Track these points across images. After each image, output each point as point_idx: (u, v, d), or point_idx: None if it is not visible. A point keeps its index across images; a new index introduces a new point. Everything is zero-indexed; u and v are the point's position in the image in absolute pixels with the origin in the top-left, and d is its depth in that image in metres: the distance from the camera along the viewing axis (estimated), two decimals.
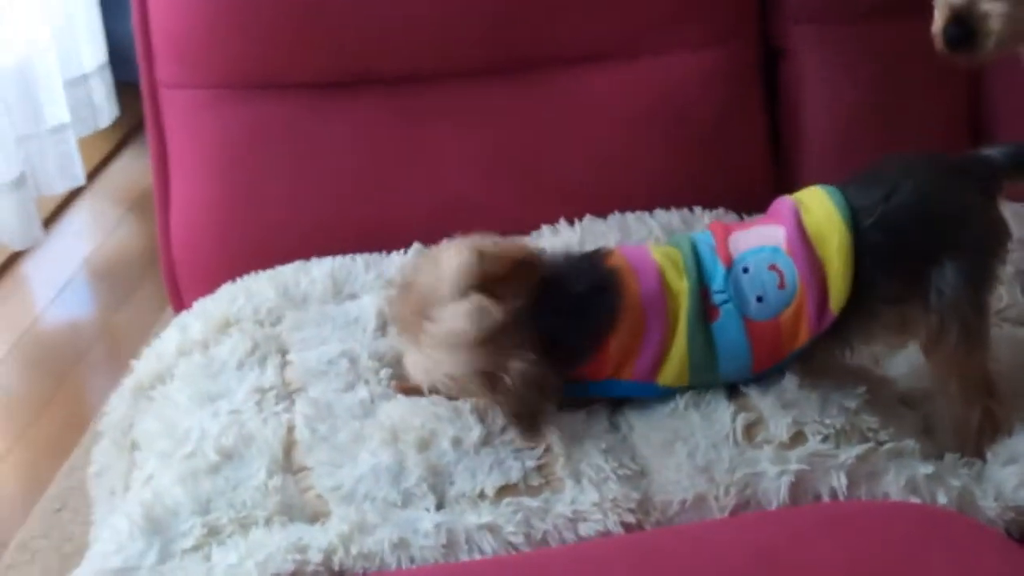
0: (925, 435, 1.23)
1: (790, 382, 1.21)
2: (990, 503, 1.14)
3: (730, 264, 1.21)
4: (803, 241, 1.20)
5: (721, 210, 1.53)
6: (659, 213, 1.52)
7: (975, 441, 1.23)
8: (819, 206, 1.22)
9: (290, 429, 1.24)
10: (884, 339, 1.30)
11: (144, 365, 1.43)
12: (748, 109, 1.60)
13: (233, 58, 1.52)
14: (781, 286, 1.20)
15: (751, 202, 1.54)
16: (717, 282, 1.21)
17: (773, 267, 1.21)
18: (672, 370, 1.21)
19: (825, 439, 1.16)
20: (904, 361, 1.31)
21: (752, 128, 1.60)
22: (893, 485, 1.14)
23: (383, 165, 1.53)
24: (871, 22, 1.61)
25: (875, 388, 1.24)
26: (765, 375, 1.22)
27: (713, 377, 1.21)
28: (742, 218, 1.49)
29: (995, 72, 1.67)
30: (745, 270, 1.21)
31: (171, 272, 1.59)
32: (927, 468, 1.15)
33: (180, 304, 1.58)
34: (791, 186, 1.61)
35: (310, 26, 1.51)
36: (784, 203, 1.25)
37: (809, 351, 1.22)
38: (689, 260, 1.22)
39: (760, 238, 1.22)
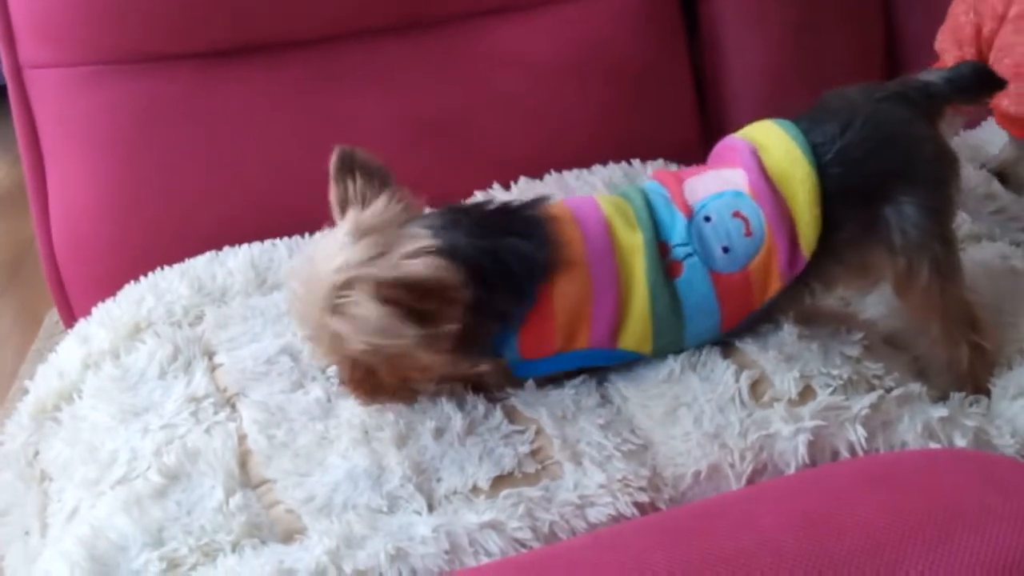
0: (921, 376, 1.17)
1: (789, 334, 1.12)
2: (1007, 440, 1.08)
3: (690, 214, 1.11)
4: (768, 183, 1.11)
5: (661, 161, 1.44)
6: (598, 168, 1.42)
7: (971, 378, 1.17)
8: (776, 143, 1.12)
9: (241, 438, 1.09)
10: (847, 282, 1.22)
11: (43, 385, 1.26)
12: (672, 51, 1.52)
13: (111, 31, 1.34)
14: (747, 234, 1.10)
15: (685, 150, 1.48)
16: (678, 234, 1.10)
17: (737, 213, 1.10)
18: (634, 333, 1.10)
19: (834, 391, 1.08)
20: (879, 301, 1.24)
21: (678, 71, 1.52)
22: (910, 432, 1.07)
23: (294, 137, 1.39)
24: None
25: (867, 333, 1.16)
26: (751, 329, 1.13)
27: (678, 339, 1.11)
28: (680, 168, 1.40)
29: (906, 3, 1.65)
30: (707, 219, 1.10)
31: (56, 276, 1.41)
32: (940, 411, 1.08)
33: (70, 312, 1.40)
34: (718, 130, 1.55)
35: None
36: (736, 143, 1.15)
37: (775, 300, 1.13)
38: (642, 212, 1.11)
39: (719, 183, 1.12)
